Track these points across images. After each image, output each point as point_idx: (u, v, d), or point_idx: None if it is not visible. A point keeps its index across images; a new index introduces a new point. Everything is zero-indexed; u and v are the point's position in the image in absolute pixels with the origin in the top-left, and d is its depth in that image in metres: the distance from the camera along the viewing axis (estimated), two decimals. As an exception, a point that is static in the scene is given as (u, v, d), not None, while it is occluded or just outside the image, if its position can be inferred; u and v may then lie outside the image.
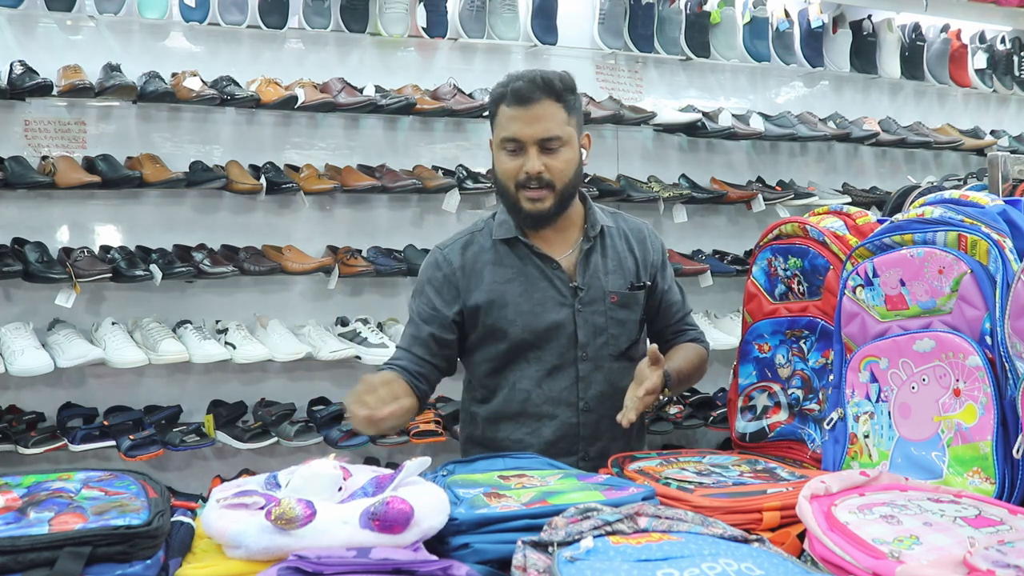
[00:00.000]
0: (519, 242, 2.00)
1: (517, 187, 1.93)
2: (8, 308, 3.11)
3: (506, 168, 1.94)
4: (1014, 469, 1.38)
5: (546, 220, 1.97)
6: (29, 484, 1.27)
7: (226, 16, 3.30)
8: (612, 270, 2.03)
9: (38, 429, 2.98)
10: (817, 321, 1.81)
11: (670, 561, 1.06)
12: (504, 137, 1.92)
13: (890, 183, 4.40)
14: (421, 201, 3.66)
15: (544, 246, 2.01)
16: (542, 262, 2.00)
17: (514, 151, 1.92)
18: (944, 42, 4.54)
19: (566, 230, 2.03)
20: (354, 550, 1.12)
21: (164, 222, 3.32)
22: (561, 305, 1.98)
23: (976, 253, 1.49)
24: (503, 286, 1.99)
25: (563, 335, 1.98)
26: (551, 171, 1.91)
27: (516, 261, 2.00)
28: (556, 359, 1.98)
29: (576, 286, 1.99)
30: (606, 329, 2.01)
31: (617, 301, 2.01)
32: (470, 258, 2.02)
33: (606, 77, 4.00)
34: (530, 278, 1.99)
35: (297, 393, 3.40)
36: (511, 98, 1.91)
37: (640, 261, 2.07)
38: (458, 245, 2.04)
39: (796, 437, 1.84)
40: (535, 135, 1.89)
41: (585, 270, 2.00)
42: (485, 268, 2.00)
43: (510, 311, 1.97)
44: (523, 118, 1.89)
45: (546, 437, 1.99)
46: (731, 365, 2.02)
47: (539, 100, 1.89)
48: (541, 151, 1.90)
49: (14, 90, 2.97)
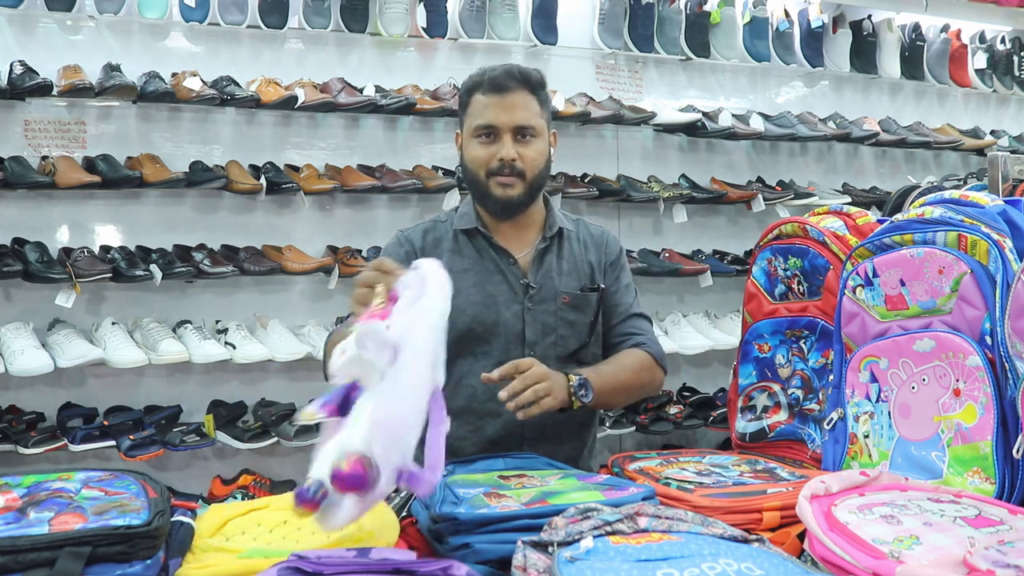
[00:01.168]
0: (478, 234, 2.00)
1: (488, 175, 1.93)
2: (8, 308, 3.11)
3: (478, 156, 1.93)
4: (1014, 469, 1.38)
5: (514, 209, 1.96)
6: (29, 484, 1.27)
7: (226, 16, 3.30)
8: (566, 271, 2.01)
9: (38, 429, 2.98)
10: (817, 321, 1.81)
11: (670, 561, 1.06)
12: (479, 124, 1.92)
13: (890, 183, 4.41)
14: (421, 201, 3.66)
15: (503, 241, 2.00)
16: (498, 256, 1.99)
17: (488, 138, 1.92)
18: (944, 42, 4.54)
19: (526, 228, 2.02)
20: (354, 550, 1.12)
21: (164, 222, 3.32)
22: (512, 301, 1.97)
23: (976, 253, 1.49)
24: (457, 275, 1.92)
25: (511, 331, 1.96)
26: (523, 160, 1.91)
27: (473, 252, 2.00)
28: (503, 355, 1.93)
29: (528, 283, 1.98)
30: (555, 329, 1.98)
31: (568, 302, 1.99)
32: (430, 242, 2.01)
33: (606, 77, 4.00)
34: (485, 271, 1.98)
35: (297, 393, 3.40)
36: (487, 86, 1.92)
37: (596, 265, 2.05)
38: (420, 229, 2.05)
39: (796, 437, 1.84)
40: (511, 122, 1.90)
41: (539, 269, 1.99)
42: (443, 255, 1.98)
43: (461, 300, 1.92)
44: (499, 105, 1.90)
45: (488, 435, 1.94)
46: (731, 365, 2.02)
47: (515, 90, 1.91)
48: (515, 139, 1.91)
49: (14, 90, 2.98)
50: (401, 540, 1.30)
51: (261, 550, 1.22)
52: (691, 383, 3.94)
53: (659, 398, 3.72)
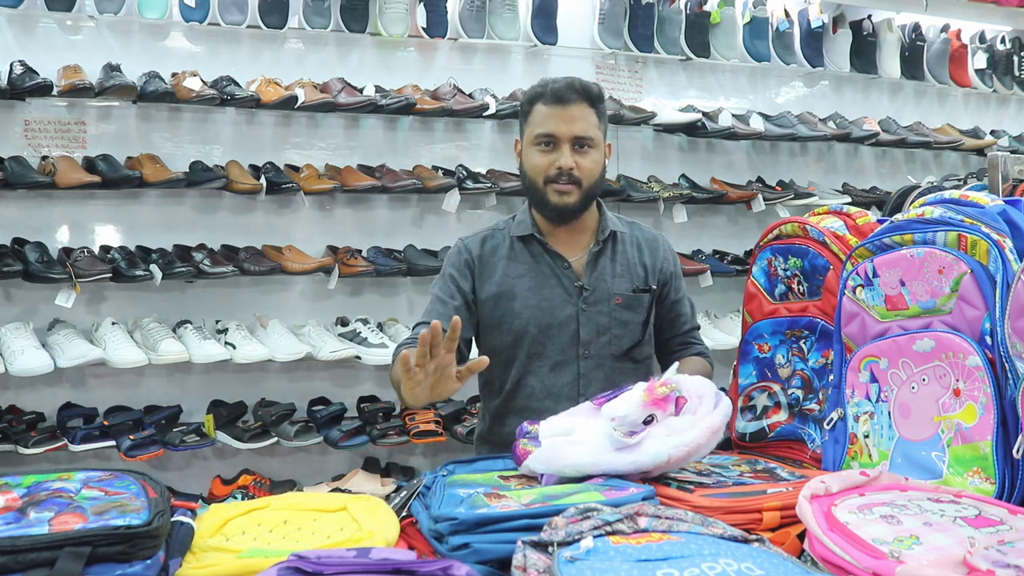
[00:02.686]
0: (534, 240, 2.09)
1: (546, 182, 2.02)
2: (8, 308, 3.11)
3: (537, 163, 2.02)
4: (1014, 469, 1.38)
5: (570, 215, 2.05)
6: (29, 484, 1.27)
7: (226, 16, 3.30)
8: (620, 273, 2.10)
9: (38, 429, 2.98)
10: (817, 321, 1.81)
11: (670, 561, 1.06)
12: (539, 133, 2.01)
13: (890, 183, 4.41)
14: (421, 201, 3.66)
15: (558, 246, 2.09)
16: (553, 260, 2.08)
17: (547, 147, 2.01)
18: (944, 42, 4.54)
19: (581, 233, 2.11)
20: (354, 550, 1.12)
21: (164, 222, 3.32)
22: (567, 303, 2.05)
23: (976, 253, 1.49)
24: (514, 280, 2.06)
25: (566, 332, 2.05)
26: (580, 169, 2.01)
27: (529, 258, 2.09)
28: (559, 355, 2.05)
29: (582, 286, 2.06)
30: (609, 329, 2.07)
31: (622, 303, 2.08)
32: (488, 250, 2.10)
33: (606, 77, 4.00)
34: (541, 275, 2.07)
35: (297, 393, 3.40)
36: (549, 97, 2.01)
37: (650, 268, 2.14)
38: (479, 238, 2.14)
39: (796, 437, 1.84)
40: (570, 132, 2.00)
41: (592, 271, 2.08)
42: (500, 261, 2.08)
43: (518, 304, 2.05)
44: (560, 116, 2.00)
45: None
46: (731, 365, 2.02)
47: (576, 102, 2.01)
48: (573, 149, 2.00)
49: (14, 90, 2.98)
50: (401, 540, 1.30)
51: (261, 550, 1.22)
52: (691, 383, 3.93)
53: (659, 398, 3.71)
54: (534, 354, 2.06)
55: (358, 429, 3.24)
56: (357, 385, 3.54)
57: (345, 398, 3.42)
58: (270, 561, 1.11)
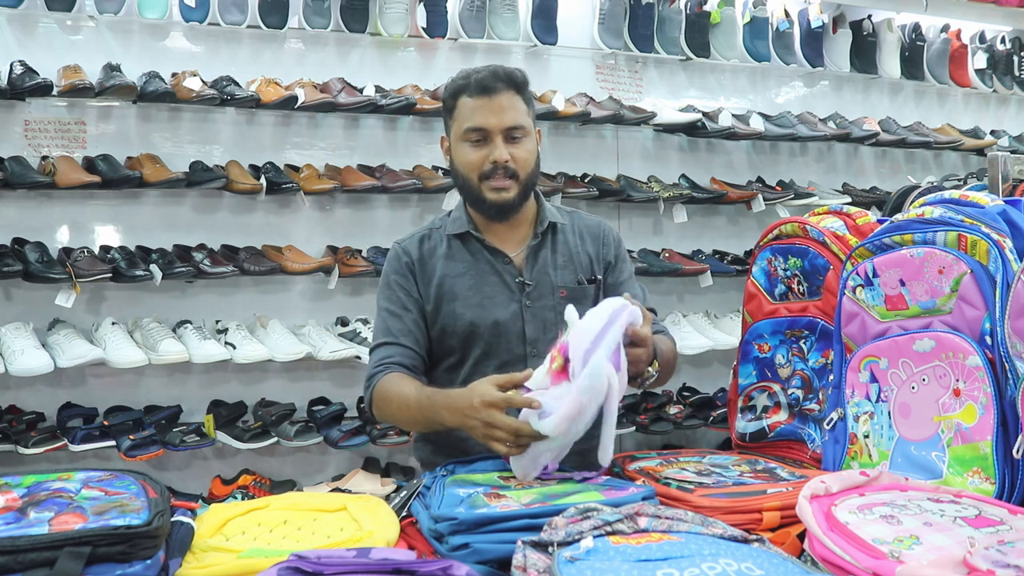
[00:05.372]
0: (471, 237, 1.99)
1: (481, 178, 1.92)
2: (8, 308, 3.11)
3: (470, 159, 1.92)
4: (1014, 469, 1.38)
5: (510, 211, 1.95)
6: (29, 484, 1.27)
7: (226, 16, 3.30)
8: (562, 265, 2.01)
9: (38, 429, 2.98)
10: (817, 321, 1.81)
11: (670, 561, 1.06)
12: (468, 127, 1.91)
13: (890, 183, 4.40)
14: (421, 201, 3.66)
15: (496, 241, 2.00)
16: (493, 257, 1.98)
17: (478, 141, 1.91)
18: (944, 42, 4.54)
19: (519, 227, 2.02)
20: (354, 550, 1.12)
21: (164, 222, 3.32)
22: (510, 300, 1.96)
23: (976, 253, 1.49)
24: (453, 280, 1.98)
25: (512, 330, 1.96)
26: (516, 161, 1.91)
27: (467, 256, 1.99)
28: (506, 355, 1.95)
29: (523, 281, 1.97)
30: (556, 324, 1.95)
31: (567, 296, 1.97)
32: (427, 251, 2.01)
33: (606, 77, 4.00)
34: (480, 273, 1.98)
35: (297, 393, 3.40)
36: (474, 88, 1.90)
37: (594, 256, 2.05)
38: (416, 239, 2.04)
39: (796, 437, 1.84)
40: (501, 124, 1.89)
41: (533, 265, 1.99)
42: (438, 262, 1.99)
43: (459, 304, 1.95)
44: (488, 107, 1.89)
45: None
46: (731, 365, 2.02)
47: (502, 91, 1.90)
48: (506, 141, 1.90)
49: (14, 90, 2.97)
50: (401, 540, 1.30)
51: (261, 550, 1.22)
52: (691, 383, 3.94)
53: (659, 398, 3.72)
54: (481, 355, 1.96)
55: (358, 429, 3.24)
56: (357, 385, 3.52)
57: (345, 398, 3.42)
58: (270, 561, 1.11)
